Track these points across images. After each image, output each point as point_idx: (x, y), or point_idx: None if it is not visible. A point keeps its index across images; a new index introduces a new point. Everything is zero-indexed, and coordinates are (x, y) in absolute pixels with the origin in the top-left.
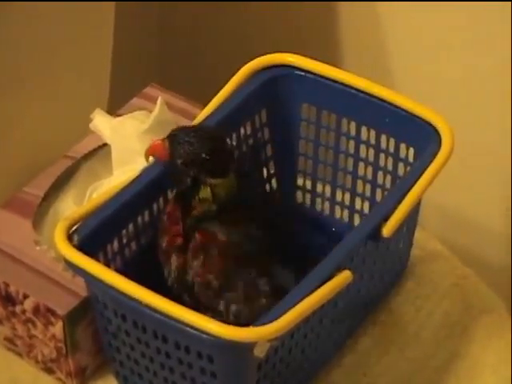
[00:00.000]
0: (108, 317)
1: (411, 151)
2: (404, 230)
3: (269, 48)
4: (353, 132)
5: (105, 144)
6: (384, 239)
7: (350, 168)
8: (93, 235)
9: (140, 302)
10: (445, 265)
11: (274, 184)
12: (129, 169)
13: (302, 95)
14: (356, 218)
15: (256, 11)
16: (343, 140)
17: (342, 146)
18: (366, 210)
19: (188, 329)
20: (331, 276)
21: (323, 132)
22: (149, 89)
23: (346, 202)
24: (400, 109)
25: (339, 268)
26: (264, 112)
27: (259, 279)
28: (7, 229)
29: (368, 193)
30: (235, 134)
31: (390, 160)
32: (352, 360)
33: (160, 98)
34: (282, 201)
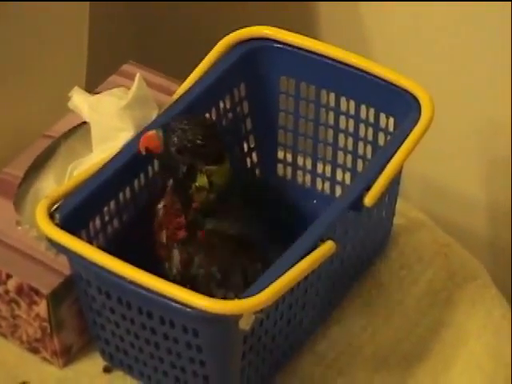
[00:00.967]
0: (92, 294)
1: (391, 121)
2: (386, 200)
3: (247, 21)
4: (332, 103)
5: (84, 122)
6: (366, 209)
7: (331, 140)
8: (74, 213)
9: (124, 278)
10: (427, 234)
11: (255, 158)
12: (109, 146)
13: (281, 68)
14: (338, 190)
15: None
16: (323, 112)
17: (322, 118)
18: (348, 181)
19: (173, 303)
20: (314, 247)
21: (302, 104)
22: (126, 66)
23: (328, 174)
24: (379, 78)
25: (322, 239)
26: (243, 85)
27: (259, 265)
28: None
29: (349, 164)
30: (214, 108)
31: (370, 130)
32: (337, 330)
33: (138, 75)
34: (263, 174)
